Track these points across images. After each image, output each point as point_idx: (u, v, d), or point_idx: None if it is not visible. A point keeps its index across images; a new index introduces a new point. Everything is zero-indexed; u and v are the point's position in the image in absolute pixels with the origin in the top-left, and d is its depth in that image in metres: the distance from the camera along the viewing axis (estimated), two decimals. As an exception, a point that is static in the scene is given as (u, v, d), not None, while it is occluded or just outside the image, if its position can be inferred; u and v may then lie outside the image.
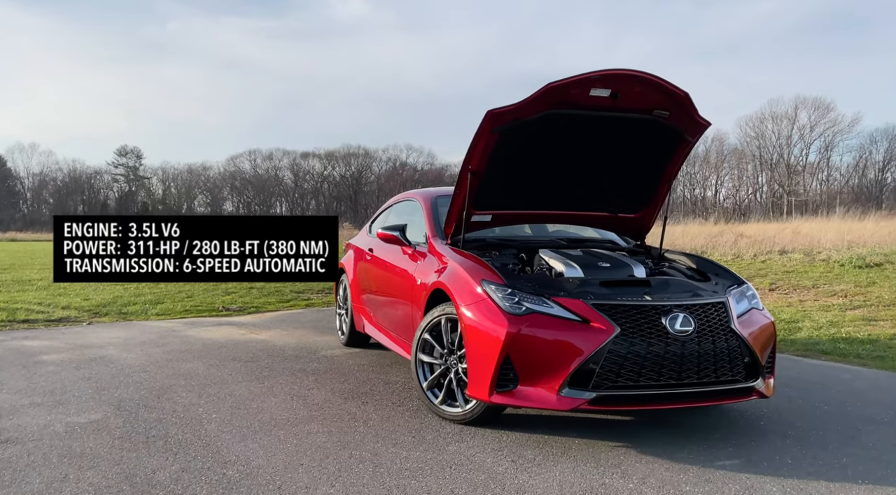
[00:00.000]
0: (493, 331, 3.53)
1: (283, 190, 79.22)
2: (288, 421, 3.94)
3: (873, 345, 6.38)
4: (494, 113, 3.88)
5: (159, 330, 7.30)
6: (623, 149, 4.38)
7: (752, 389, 3.65)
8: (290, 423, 3.89)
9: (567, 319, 3.48)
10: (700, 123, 4.19)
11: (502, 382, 3.53)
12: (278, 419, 3.97)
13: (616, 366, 3.41)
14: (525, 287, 3.66)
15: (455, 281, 3.94)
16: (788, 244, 14.48)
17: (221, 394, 4.53)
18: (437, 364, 4.03)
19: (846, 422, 4.02)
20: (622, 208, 4.73)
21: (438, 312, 4.00)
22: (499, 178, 4.24)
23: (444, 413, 3.92)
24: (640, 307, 3.52)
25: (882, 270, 10.84)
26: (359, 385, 4.82)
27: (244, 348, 6.18)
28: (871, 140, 58.64)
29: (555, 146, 4.25)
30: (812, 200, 54.10)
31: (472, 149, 4.04)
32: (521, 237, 4.98)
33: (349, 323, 6.14)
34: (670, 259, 4.62)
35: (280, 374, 5.13)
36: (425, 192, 5.36)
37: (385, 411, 4.15)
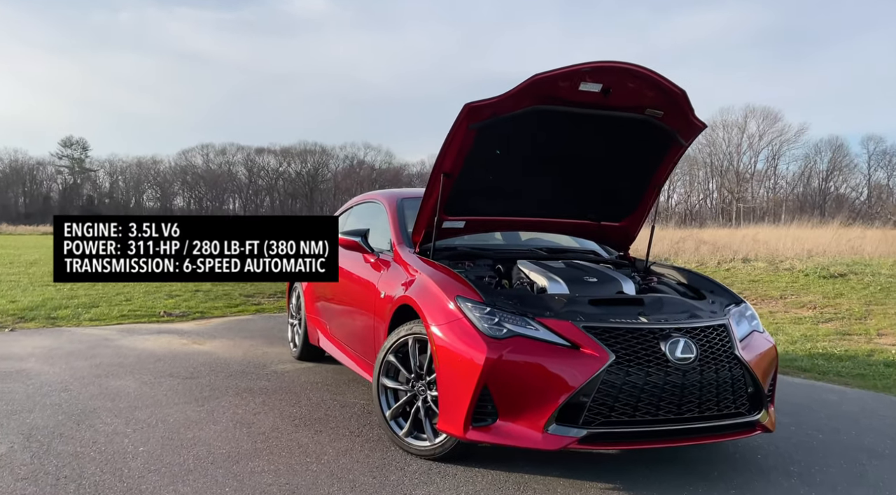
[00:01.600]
0: (470, 356, 3.06)
1: (237, 186, 77.44)
2: (229, 456, 3.40)
3: (852, 361, 6.15)
4: (472, 107, 3.42)
5: (90, 338, 6.62)
6: (610, 151, 3.97)
7: (756, 423, 3.27)
8: (230, 459, 3.35)
9: (554, 344, 3.04)
10: (695, 125, 3.80)
11: (479, 416, 3.07)
12: (217, 454, 3.43)
13: (610, 398, 2.98)
14: (506, 305, 3.20)
15: (425, 296, 3.46)
16: (750, 252, 14.42)
17: (153, 420, 3.95)
18: (402, 390, 3.54)
19: (847, 456, 3.68)
20: (606, 216, 4.32)
21: (405, 331, 3.51)
22: (474, 181, 3.79)
23: (410, 447, 3.44)
24: (636, 331, 3.10)
25: (847, 281, 10.75)
26: (312, 408, 4.29)
27: (184, 362, 5.58)
28: (815, 150, 60.75)
29: (537, 147, 3.82)
30: (759, 207, 55.41)
31: (446, 147, 3.57)
32: (495, 246, 4.53)
33: (302, 335, 5.60)
34: (658, 273, 4.22)
35: (223, 395, 4.56)
36: (390, 194, 4.87)
37: (342, 442, 3.65)
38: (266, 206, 75.40)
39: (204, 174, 76.59)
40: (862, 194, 60.35)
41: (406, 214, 4.41)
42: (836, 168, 60.57)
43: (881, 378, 5.60)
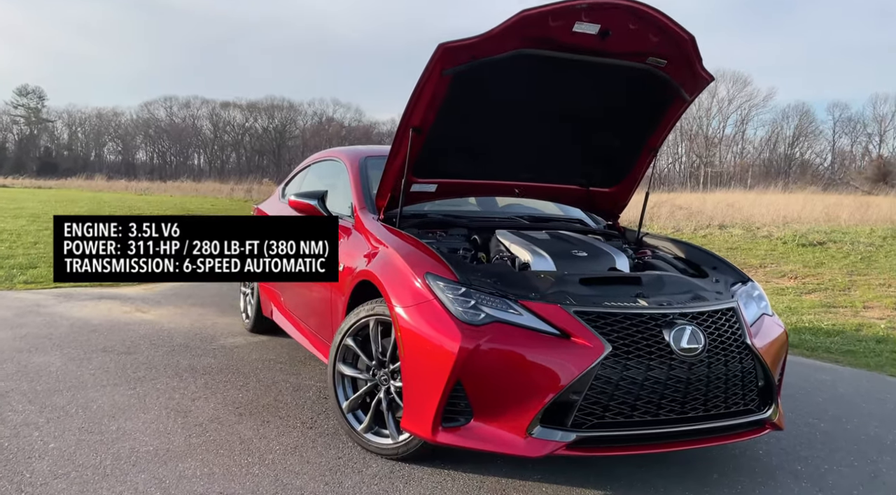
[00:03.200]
0: (441, 345, 2.58)
1: (202, 141, 75.29)
2: (156, 454, 2.90)
3: (840, 337, 5.85)
4: (447, 48, 2.88)
5: (21, 304, 6.00)
6: (604, 106, 3.47)
7: (766, 422, 2.86)
8: (157, 459, 2.85)
9: (540, 332, 2.58)
10: (702, 77, 3.32)
11: (450, 415, 2.61)
12: (142, 452, 2.92)
13: (605, 396, 2.54)
14: (483, 285, 2.72)
15: (389, 271, 2.96)
16: (726, 218, 14.13)
17: (72, 408, 3.43)
18: (362, 379, 3.06)
19: (855, 450, 3.32)
20: (596, 180, 3.83)
21: (366, 312, 3.02)
22: (448, 138, 3.26)
23: (370, 444, 2.97)
24: (635, 317, 2.65)
25: (826, 250, 10.51)
26: (261, 392, 3.80)
27: (122, 333, 5.02)
28: (783, 115, 61.23)
29: (521, 98, 3.29)
30: (726, 172, 55.70)
31: (416, 97, 3.03)
32: (469, 213, 4.02)
33: (255, 305, 5.07)
34: (651, 245, 3.77)
35: (160, 374, 4.04)
36: (352, 151, 4.31)
37: (291, 436, 3.17)
38: (232, 162, 73.55)
39: (167, 128, 74.24)
40: (826, 160, 61.14)
41: (370, 175, 3.88)
42: (801, 134, 61.23)
43: (873, 355, 5.32)
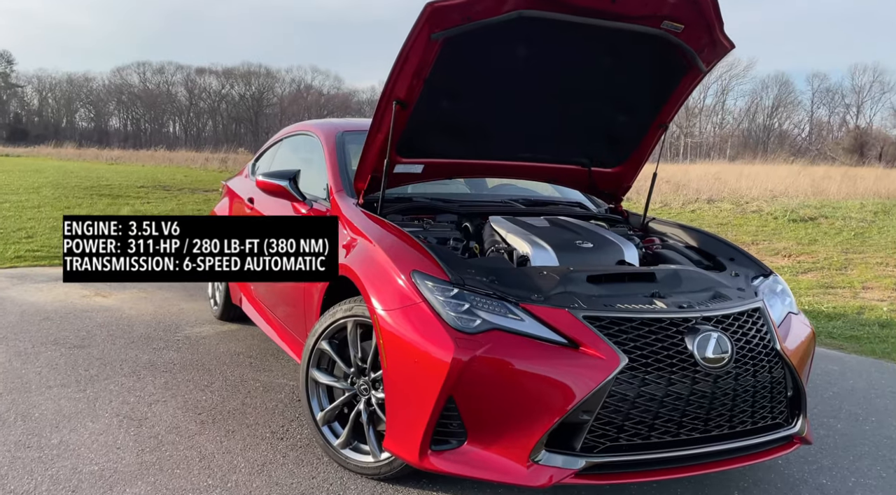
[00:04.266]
0: (431, 356, 2.22)
1: (177, 108, 73.67)
2: (100, 477, 2.53)
3: (842, 320, 5.60)
4: (437, 7, 2.47)
5: (-30, 288, 5.55)
6: (611, 76, 3.07)
7: (794, 436, 2.55)
8: (101, 484, 2.48)
9: (546, 341, 2.22)
10: (722, 44, 2.95)
11: (440, 437, 2.26)
12: (84, 473, 2.55)
13: (619, 416, 2.20)
14: (478, 285, 2.35)
15: (369, 267, 2.58)
16: (714, 192, 13.85)
17: (11, 416, 3.03)
18: (339, 388, 2.70)
19: (880, 457, 3.04)
20: (599, 160, 3.46)
21: (343, 312, 2.64)
22: (436, 112, 2.87)
23: (348, 462, 2.62)
24: (653, 322, 2.30)
25: (818, 225, 10.27)
26: (227, 394, 3.43)
27: (77, 322, 4.60)
28: (762, 85, 61.40)
29: (520, 66, 2.89)
30: (706, 142, 55.70)
31: (400, 65, 2.62)
32: (460, 196, 3.62)
33: (224, 291, 4.67)
34: (659, 232, 3.42)
35: (115, 373, 3.65)
36: (328, 125, 3.88)
37: (259, 450, 2.81)
38: (209, 130, 72.11)
39: (141, 94, 72.47)
40: (804, 131, 61.44)
41: (348, 151, 3.47)
42: (780, 104, 61.44)
43: (878, 341, 5.07)
